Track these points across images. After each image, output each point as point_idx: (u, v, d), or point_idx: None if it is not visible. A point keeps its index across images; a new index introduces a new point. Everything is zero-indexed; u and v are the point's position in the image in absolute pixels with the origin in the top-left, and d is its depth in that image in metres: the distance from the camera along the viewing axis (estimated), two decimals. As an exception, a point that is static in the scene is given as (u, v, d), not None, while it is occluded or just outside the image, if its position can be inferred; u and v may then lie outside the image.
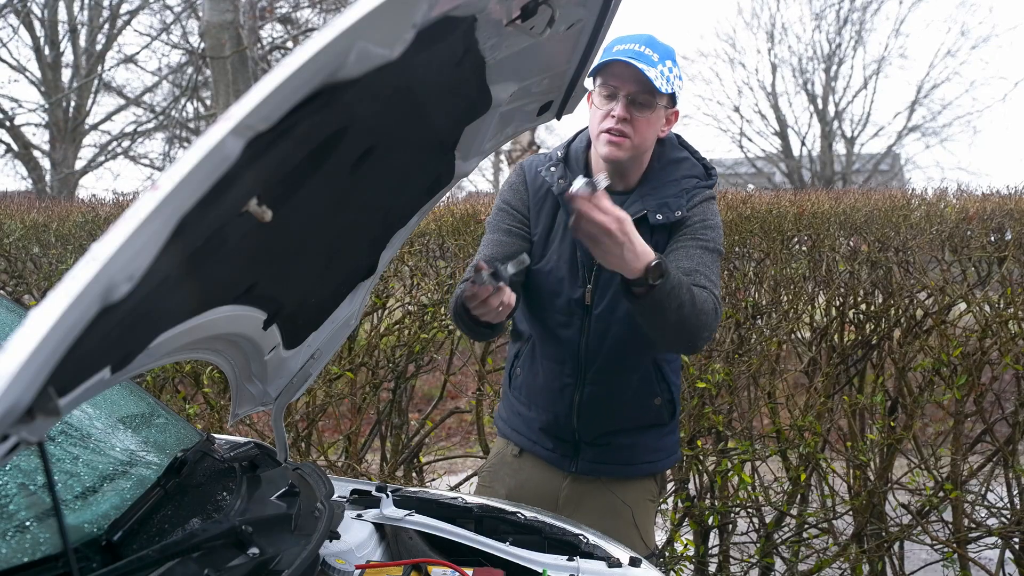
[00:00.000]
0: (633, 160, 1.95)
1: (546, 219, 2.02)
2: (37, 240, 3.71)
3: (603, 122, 1.89)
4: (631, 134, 1.88)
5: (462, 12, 0.99)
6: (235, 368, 1.46)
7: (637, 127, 1.88)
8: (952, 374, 3.16)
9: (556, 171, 2.00)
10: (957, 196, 3.78)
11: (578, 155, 2.04)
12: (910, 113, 21.21)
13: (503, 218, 2.06)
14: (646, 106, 1.87)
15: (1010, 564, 3.37)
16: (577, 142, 2.06)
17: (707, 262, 1.90)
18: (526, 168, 2.09)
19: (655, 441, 2.08)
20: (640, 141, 1.90)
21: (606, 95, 1.89)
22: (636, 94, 1.86)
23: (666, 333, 1.80)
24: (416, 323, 3.41)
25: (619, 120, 1.86)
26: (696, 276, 1.85)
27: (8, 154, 14.95)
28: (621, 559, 1.53)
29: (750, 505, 3.33)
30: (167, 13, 14.18)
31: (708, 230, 1.94)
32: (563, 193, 1.91)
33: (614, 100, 1.88)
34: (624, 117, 1.86)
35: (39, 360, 0.59)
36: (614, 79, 1.86)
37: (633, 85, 1.85)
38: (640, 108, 1.87)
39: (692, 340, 1.81)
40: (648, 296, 1.68)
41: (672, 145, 2.04)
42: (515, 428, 2.16)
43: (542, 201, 2.03)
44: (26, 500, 1.15)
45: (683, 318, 1.73)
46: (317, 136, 0.91)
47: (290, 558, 1.20)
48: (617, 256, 1.62)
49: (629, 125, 1.87)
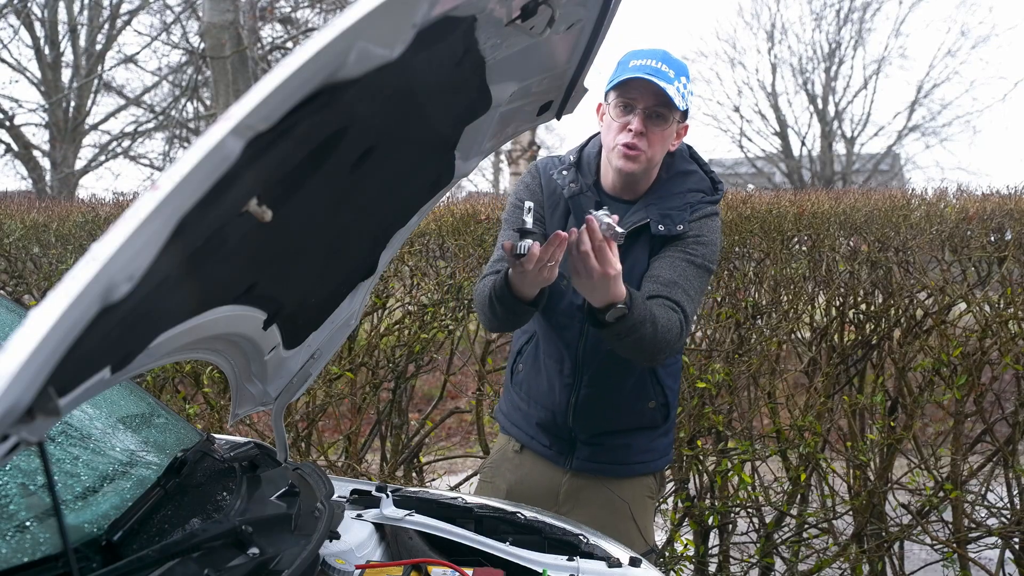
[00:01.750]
0: (644, 172, 1.98)
1: (558, 221, 2.05)
2: (37, 240, 3.71)
3: (619, 135, 1.93)
4: (645, 148, 1.92)
5: (462, 12, 0.99)
6: (235, 368, 1.46)
7: (652, 141, 1.92)
8: (952, 374, 3.16)
9: (568, 175, 2.05)
10: (957, 196, 3.78)
11: (590, 161, 2.07)
12: (910, 113, 21.25)
13: (518, 213, 2.05)
14: (662, 120, 1.92)
15: (1010, 564, 3.37)
16: (590, 147, 2.10)
17: (689, 276, 1.93)
18: (540, 170, 2.12)
19: (648, 442, 2.11)
20: (653, 155, 1.95)
21: (623, 108, 1.92)
22: (653, 108, 1.90)
23: (623, 351, 1.87)
24: (416, 323, 3.41)
25: (636, 135, 1.90)
26: (673, 289, 1.89)
27: (8, 154, 14.96)
28: (621, 559, 1.53)
29: (750, 505, 3.33)
30: (167, 13, 14.19)
31: (700, 246, 1.97)
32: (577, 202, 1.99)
33: (631, 113, 1.91)
34: (641, 131, 1.90)
35: (39, 360, 0.59)
36: (632, 92, 1.90)
37: (650, 99, 1.89)
38: (656, 122, 1.91)
39: (650, 359, 1.88)
40: (609, 327, 1.76)
41: (682, 157, 2.07)
42: (514, 423, 2.19)
43: (555, 204, 2.06)
44: (26, 500, 1.15)
45: (641, 345, 1.80)
46: (317, 136, 0.91)
47: (290, 558, 1.20)
48: (590, 290, 1.72)
49: (644, 139, 1.91)
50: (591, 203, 1.99)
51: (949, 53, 26.65)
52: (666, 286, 1.88)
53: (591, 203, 1.99)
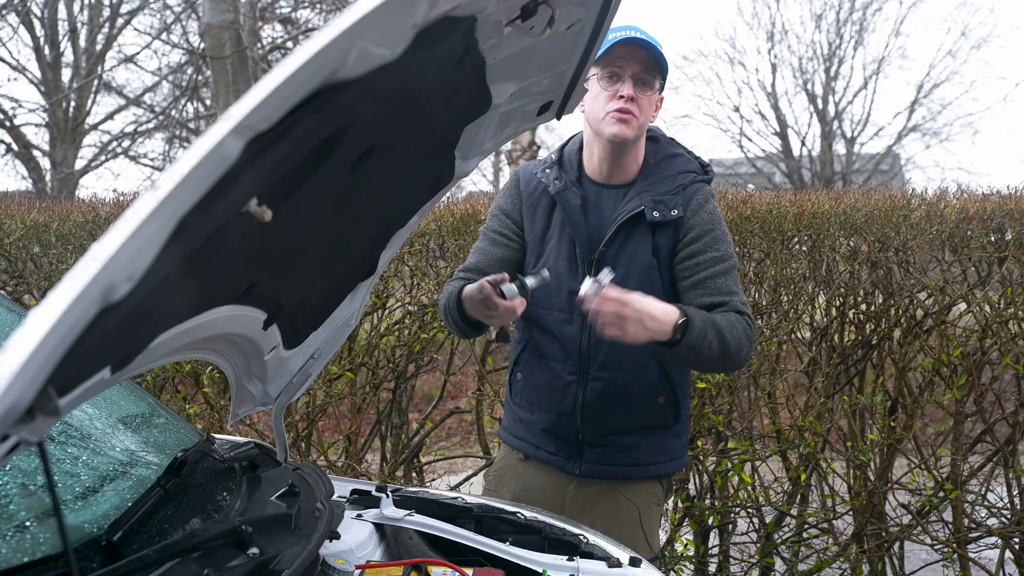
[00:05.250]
0: (635, 142, 2.01)
1: (541, 220, 2.07)
2: (37, 240, 3.71)
3: (609, 103, 1.96)
4: (637, 113, 1.96)
5: (462, 12, 0.99)
6: (235, 368, 1.46)
7: (641, 106, 1.96)
8: (952, 374, 3.16)
9: (551, 173, 2.08)
10: (957, 196, 3.78)
11: (571, 158, 2.11)
12: (910, 113, 21.27)
13: (493, 224, 2.15)
14: (648, 86, 1.97)
15: (1010, 564, 3.37)
16: (570, 145, 2.14)
17: (729, 284, 1.97)
18: (521, 174, 2.16)
19: (659, 443, 2.07)
20: (644, 120, 1.99)
21: (609, 77, 1.96)
22: (640, 74, 1.95)
23: (707, 366, 1.94)
24: (416, 323, 3.41)
25: (628, 99, 1.94)
26: (732, 301, 1.94)
27: (8, 154, 14.96)
28: (621, 559, 1.53)
29: (750, 505, 3.33)
30: (167, 13, 14.18)
31: (719, 242, 1.99)
32: (563, 197, 2.04)
33: (619, 81, 1.96)
34: (632, 96, 1.94)
35: (39, 360, 0.59)
36: (619, 60, 1.94)
37: (637, 65, 1.94)
38: (644, 88, 1.96)
39: (732, 364, 1.92)
40: (679, 346, 1.80)
41: (667, 142, 2.12)
42: (517, 435, 2.16)
43: (536, 203, 2.09)
44: (26, 500, 1.15)
45: (715, 351, 1.85)
46: (317, 136, 0.91)
47: (290, 558, 1.20)
48: (642, 329, 1.74)
49: (635, 104, 1.95)
50: (576, 198, 2.03)
51: (949, 53, 26.74)
52: (722, 300, 1.94)
53: (576, 198, 2.03)
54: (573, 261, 2.01)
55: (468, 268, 2.12)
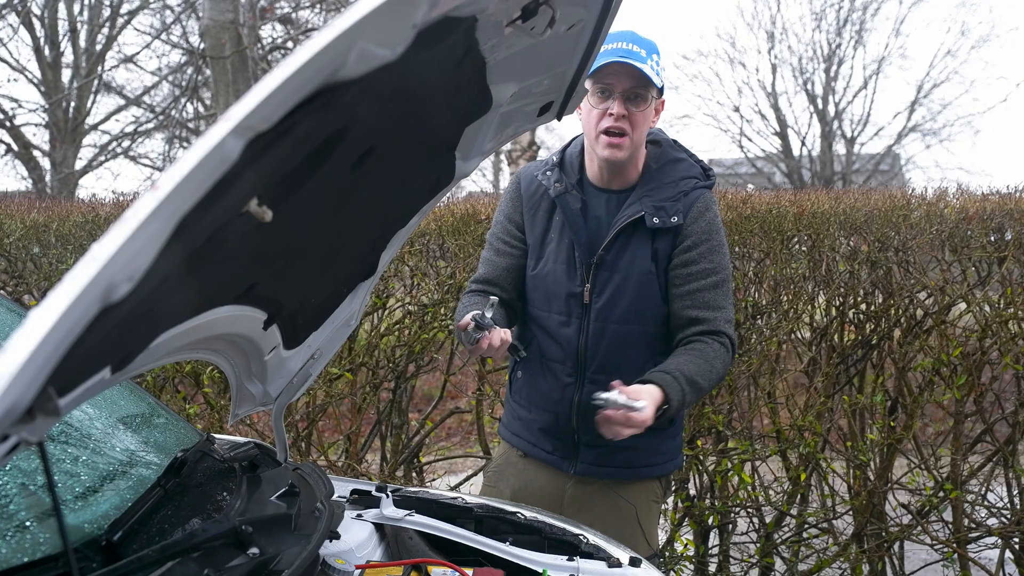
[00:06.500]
0: (630, 158, 2.00)
1: (541, 222, 2.08)
2: (37, 240, 3.71)
3: (601, 122, 1.95)
4: (629, 131, 1.94)
5: (463, 12, 0.99)
6: (235, 368, 1.46)
7: (634, 122, 1.94)
8: (952, 374, 3.16)
9: (552, 175, 2.07)
10: (957, 196, 3.78)
11: (573, 160, 2.10)
12: (910, 113, 21.25)
13: (497, 232, 2.16)
14: (641, 100, 1.94)
15: (1010, 564, 3.37)
16: (572, 147, 2.13)
17: (718, 298, 1.97)
18: (521, 176, 2.17)
19: (655, 444, 2.07)
20: (638, 137, 1.97)
21: (600, 93, 1.95)
22: (630, 90, 1.93)
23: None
24: (416, 323, 3.41)
25: (618, 118, 1.92)
26: (718, 316, 1.95)
27: (8, 154, 14.94)
28: (621, 559, 1.53)
29: (750, 505, 3.33)
30: (167, 13, 14.16)
31: (714, 253, 1.99)
32: (563, 200, 2.04)
33: (610, 98, 1.94)
34: (623, 114, 1.93)
35: (39, 360, 0.59)
36: (609, 78, 1.92)
37: (628, 81, 1.92)
38: (636, 103, 1.94)
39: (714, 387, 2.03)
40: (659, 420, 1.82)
41: (670, 146, 2.10)
42: (515, 432, 2.18)
43: (536, 205, 2.09)
44: (26, 500, 1.15)
45: (695, 399, 1.90)
46: (317, 136, 0.91)
47: (290, 558, 1.20)
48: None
49: (627, 121, 1.94)
50: (576, 201, 2.03)
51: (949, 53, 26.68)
52: (711, 312, 1.95)
53: (576, 201, 2.03)
54: (572, 264, 2.01)
55: (478, 280, 2.14)
